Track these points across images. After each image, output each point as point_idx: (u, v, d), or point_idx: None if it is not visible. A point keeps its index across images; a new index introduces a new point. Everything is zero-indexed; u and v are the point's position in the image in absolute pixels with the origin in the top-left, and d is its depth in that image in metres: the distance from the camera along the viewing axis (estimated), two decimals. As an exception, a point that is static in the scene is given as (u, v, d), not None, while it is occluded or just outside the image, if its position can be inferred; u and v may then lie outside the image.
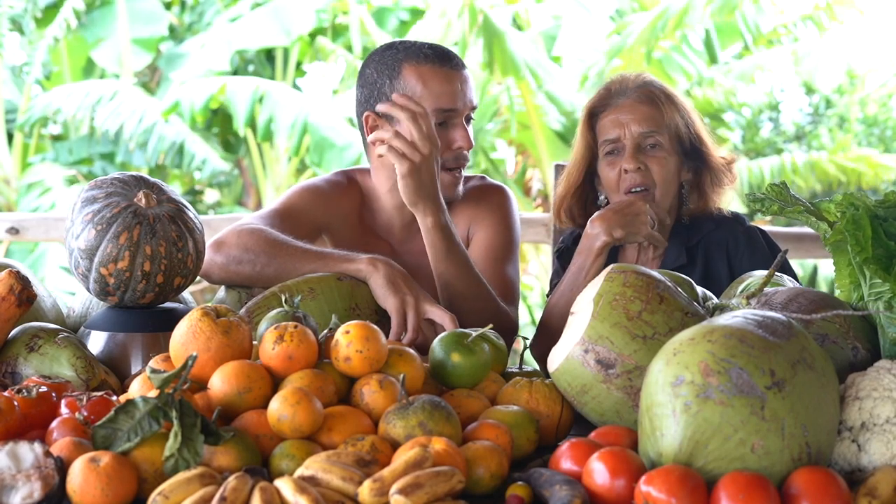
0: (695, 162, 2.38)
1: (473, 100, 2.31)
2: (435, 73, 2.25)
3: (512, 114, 7.04)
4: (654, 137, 2.33)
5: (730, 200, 2.44)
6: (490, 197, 2.43)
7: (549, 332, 2.29)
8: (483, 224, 2.39)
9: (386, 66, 2.28)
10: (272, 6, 7.97)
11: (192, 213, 1.93)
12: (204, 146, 7.92)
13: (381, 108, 2.22)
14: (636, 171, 2.32)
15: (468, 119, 2.31)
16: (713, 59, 7.29)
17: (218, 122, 8.73)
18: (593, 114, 2.41)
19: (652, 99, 2.34)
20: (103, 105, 7.53)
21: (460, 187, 2.33)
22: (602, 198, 2.44)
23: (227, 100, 7.01)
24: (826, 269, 7.51)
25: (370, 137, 2.23)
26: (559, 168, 2.98)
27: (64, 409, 1.55)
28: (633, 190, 2.33)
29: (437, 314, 2.00)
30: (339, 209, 2.37)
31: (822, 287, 7.34)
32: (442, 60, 2.27)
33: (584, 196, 2.47)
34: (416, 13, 8.53)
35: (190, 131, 7.89)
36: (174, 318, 1.84)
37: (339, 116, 7.18)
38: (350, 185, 2.43)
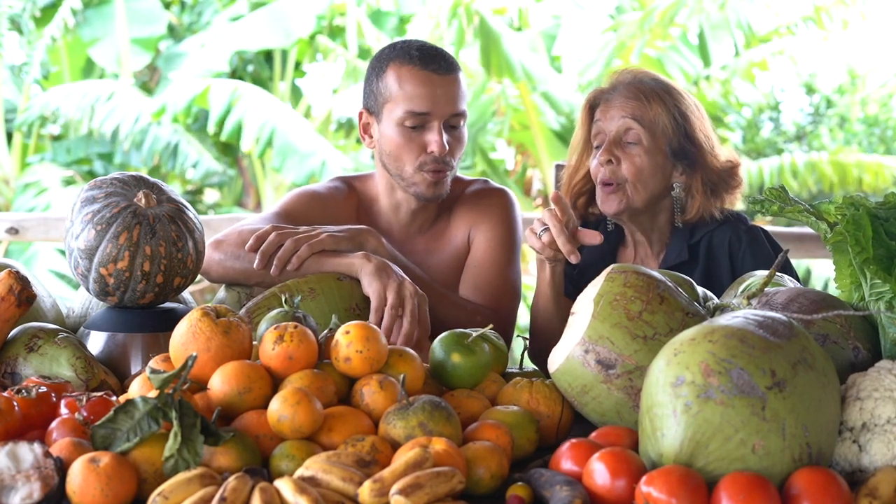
0: (687, 163, 2.35)
1: (458, 106, 2.27)
2: (413, 74, 2.25)
3: (506, 113, 7.05)
4: (634, 132, 2.30)
5: (733, 200, 2.43)
6: (491, 200, 2.43)
7: (532, 331, 2.32)
8: (484, 227, 2.40)
9: (378, 63, 2.33)
10: (271, 8, 7.97)
11: (191, 213, 1.93)
12: (198, 146, 7.93)
13: None
14: (606, 163, 2.30)
15: (451, 125, 2.28)
16: (707, 60, 7.29)
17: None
18: (591, 106, 2.41)
19: (638, 94, 2.32)
20: (101, 105, 7.54)
21: (443, 188, 2.31)
22: None
23: (207, 101, 7.07)
24: (819, 270, 7.52)
25: None
26: (559, 168, 2.98)
27: (63, 410, 1.55)
28: (606, 184, 2.33)
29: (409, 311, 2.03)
30: (337, 213, 2.37)
31: (815, 286, 7.36)
32: (425, 62, 2.26)
33: (584, 186, 2.46)
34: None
35: (184, 132, 7.90)
36: (174, 318, 1.84)
37: (309, 126, 7.29)
38: (348, 190, 2.44)
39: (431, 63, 2.26)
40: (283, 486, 1.29)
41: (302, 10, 7.83)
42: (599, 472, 1.35)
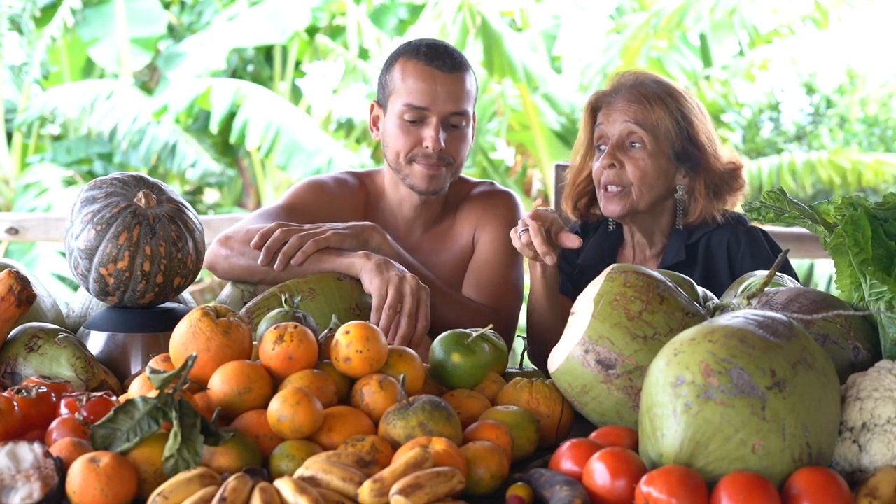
0: (690, 166, 2.35)
1: (459, 105, 2.27)
2: (417, 69, 2.28)
3: (506, 114, 7.05)
4: (637, 135, 2.30)
5: (735, 202, 2.43)
6: (496, 202, 2.45)
7: (529, 330, 2.32)
8: (488, 228, 2.41)
9: (389, 57, 2.37)
10: (268, 4, 7.98)
11: (191, 213, 1.93)
12: (196, 146, 7.92)
13: None
14: (609, 167, 2.31)
15: (451, 123, 2.28)
16: (707, 61, 7.29)
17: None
18: (594, 109, 2.41)
19: (640, 98, 2.32)
20: (99, 105, 7.54)
21: (439, 183, 2.31)
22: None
23: (209, 101, 7.06)
24: (821, 268, 7.52)
25: None
26: (559, 168, 2.98)
27: (63, 410, 1.55)
28: (608, 187, 2.33)
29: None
30: (344, 206, 2.39)
31: (819, 285, 7.35)
32: (430, 59, 2.28)
33: (587, 187, 2.46)
34: (416, 11, 8.52)
35: (183, 132, 7.90)
36: (174, 318, 1.84)
37: (314, 123, 7.28)
38: (358, 184, 2.46)
39: (436, 59, 2.28)
40: (283, 486, 1.29)
41: (297, 6, 7.84)
42: (599, 472, 1.35)
